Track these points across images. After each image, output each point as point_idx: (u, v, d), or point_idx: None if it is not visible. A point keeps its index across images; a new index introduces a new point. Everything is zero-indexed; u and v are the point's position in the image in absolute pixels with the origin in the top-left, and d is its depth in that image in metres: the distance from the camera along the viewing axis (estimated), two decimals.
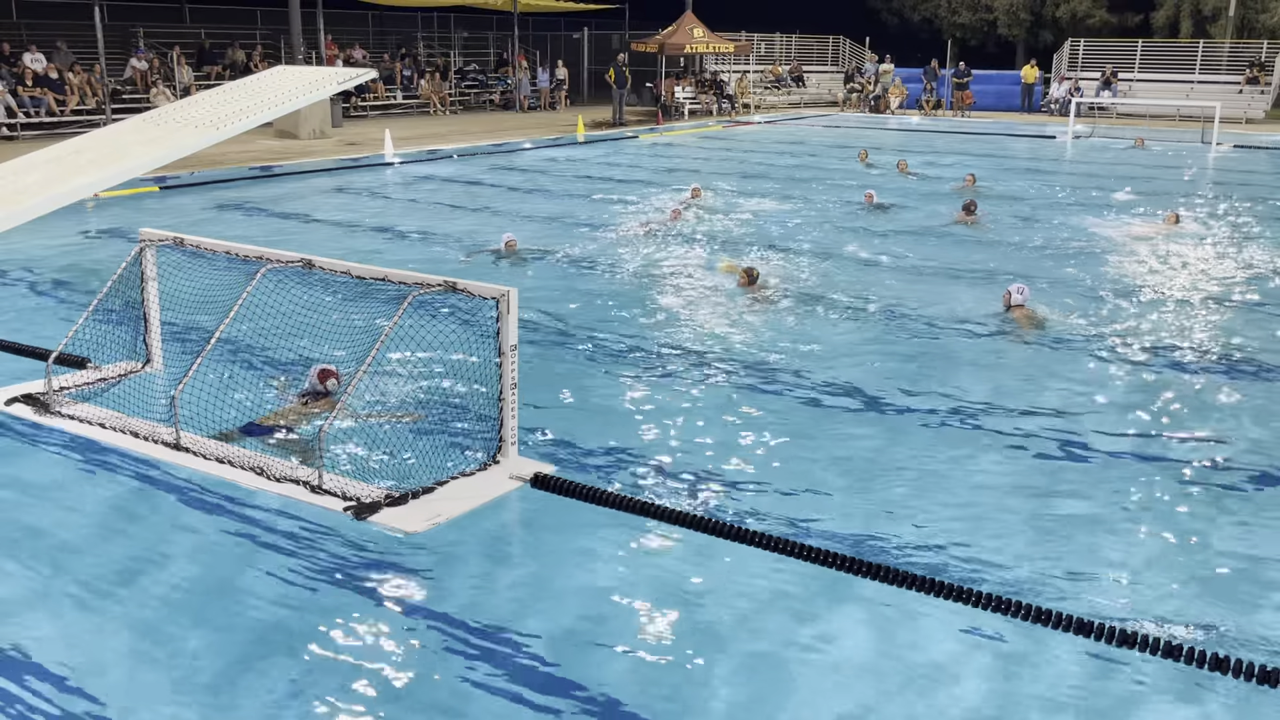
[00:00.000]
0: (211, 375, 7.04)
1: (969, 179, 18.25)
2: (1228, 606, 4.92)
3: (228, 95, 6.95)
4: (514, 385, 6.03)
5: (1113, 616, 4.68)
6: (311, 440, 6.19)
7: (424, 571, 5.12)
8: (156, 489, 5.96)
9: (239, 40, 30.02)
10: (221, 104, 6.65)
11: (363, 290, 8.71)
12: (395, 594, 4.94)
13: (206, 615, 4.74)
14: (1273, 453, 6.73)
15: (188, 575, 5.10)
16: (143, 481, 6.04)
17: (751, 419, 7.21)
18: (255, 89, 6.82)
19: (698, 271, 11.58)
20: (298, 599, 4.86)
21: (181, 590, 4.97)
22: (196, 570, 5.15)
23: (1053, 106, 34.85)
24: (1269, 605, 4.97)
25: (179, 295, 7.99)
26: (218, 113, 6.43)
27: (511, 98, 34.10)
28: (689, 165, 21.74)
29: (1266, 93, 33.56)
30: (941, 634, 4.66)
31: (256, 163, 19.32)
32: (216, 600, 4.87)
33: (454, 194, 17.43)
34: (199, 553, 5.30)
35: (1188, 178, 20.37)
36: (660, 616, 4.78)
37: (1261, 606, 4.96)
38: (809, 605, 4.91)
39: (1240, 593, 5.08)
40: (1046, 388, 7.91)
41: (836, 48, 42.15)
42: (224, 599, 4.88)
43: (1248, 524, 5.78)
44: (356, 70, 8.13)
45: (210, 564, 5.20)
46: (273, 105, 6.42)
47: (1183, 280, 11.43)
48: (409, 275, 6.21)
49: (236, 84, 7.37)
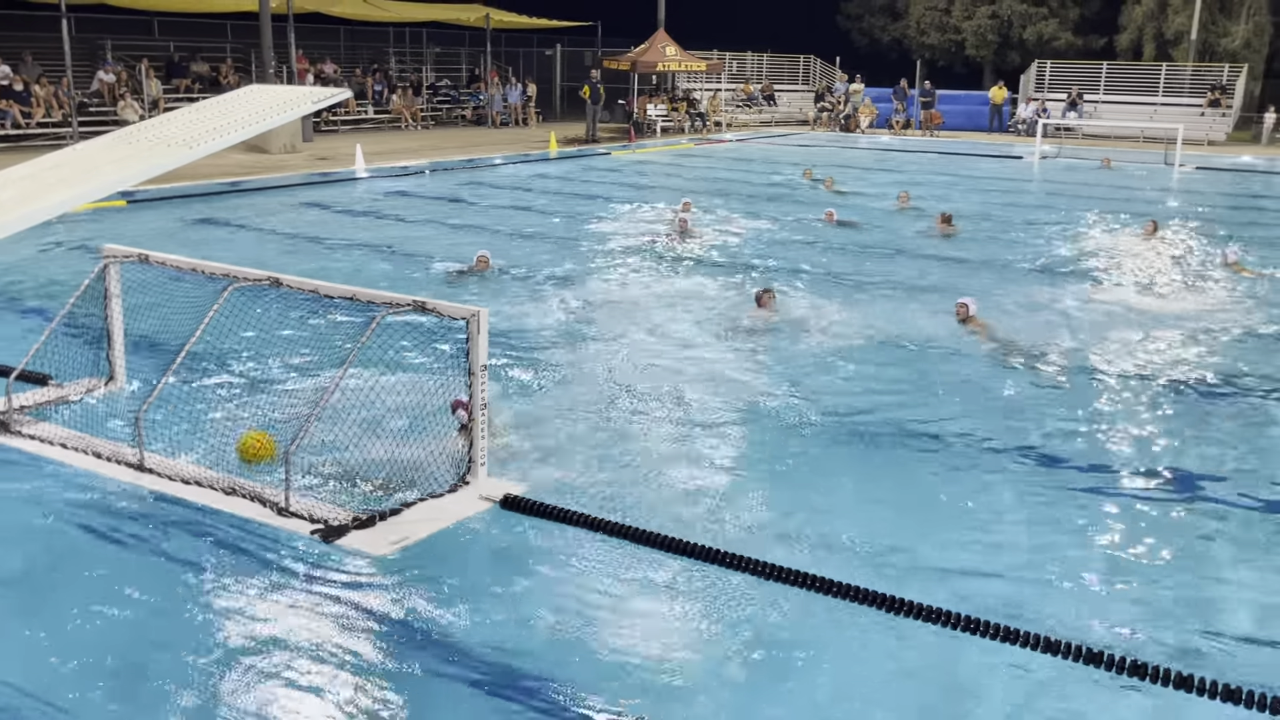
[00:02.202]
0: (176, 394, 6.96)
1: (903, 196, 18.43)
2: (1183, 625, 4.96)
3: (200, 114, 6.89)
4: (484, 405, 5.99)
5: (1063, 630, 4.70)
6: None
7: (392, 594, 5.06)
8: (117, 511, 5.86)
9: (206, 54, 29.83)
10: (194, 122, 6.60)
11: (332, 308, 8.65)
12: (363, 617, 4.87)
13: (168, 641, 4.66)
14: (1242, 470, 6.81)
15: (148, 599, 5.01)
16: (103, 503, 5.94)
17: (725, 439, 7.20)
18: (228, 108, 6.77)
19: (671, 289, 11.59)
20: (263, 625, 4.79)
21: (143, 614, 4.89)
22: (157, 594, 5.06)
23: (1020, 127, 35.24)
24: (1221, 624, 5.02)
25: (144, 312, 7.90)
26: (190, 131, 6.37)
27: (484, 113, 34.09)
28: (663, 182, 21.80)
29: (1228, 115, 34.12)
30: (904, 649, 4.67)
31: (226, 177, 19.17)
32: (179, 626, 4.79)
33: (425, 210, 17.37)
34: (160, 576, 5.21)
35: (1153, 197, 20.65)
36: (631, 638, 4.75)
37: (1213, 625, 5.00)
38: (780, 626, 4.89)
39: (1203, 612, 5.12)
40: (1021, 407, 7.97)
41: (807, 67, 42.47)
42: (187, 625, 4.80)
43: (1214, 540, 5.84)
44: (331, 90, 8.11)
45: (172, 589, 5.11)
46: (246, 124, 6.37)
47: (1156, 296, 11.57)
48: (378, 294, 6.16)
49: (209, 102, 7.30)
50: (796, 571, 5.14)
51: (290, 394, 7.74)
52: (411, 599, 5.03)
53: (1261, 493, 6.50)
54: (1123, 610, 5.12)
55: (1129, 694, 4.37)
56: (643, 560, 5.40)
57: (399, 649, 4.62)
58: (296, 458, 5.84)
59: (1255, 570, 5.56)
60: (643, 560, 5.40)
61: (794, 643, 4.78)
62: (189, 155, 6.25)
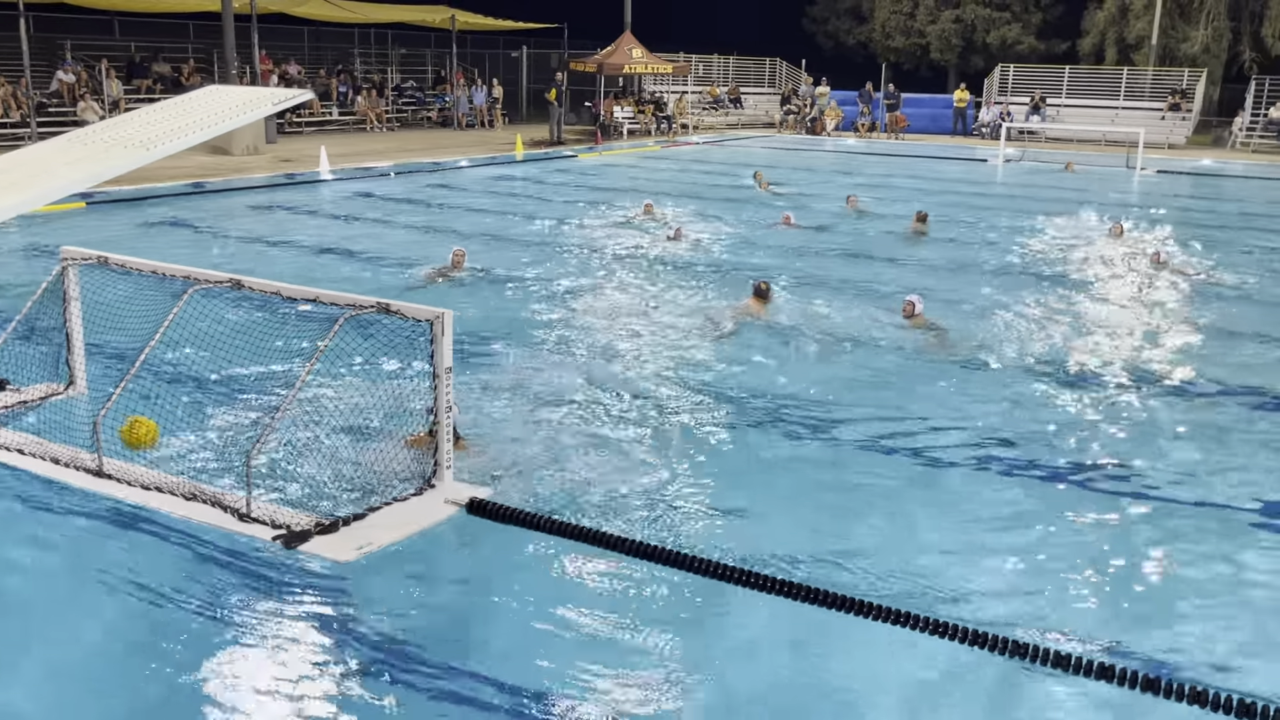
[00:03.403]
0: (137, 398, 6.86)
1: (851, 200, 18.53)
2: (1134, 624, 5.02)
3: (159, 114, 6.78)
4: (449, 408, 5.95)
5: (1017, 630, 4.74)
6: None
7: (355, 600, 5.01)
8: (75, 517, 5.77)
9: (168, 54, 29.48)
10: (152, 123, 6.49)
11: (295, 311, 8.57)
12: (325, 623, 4.82)
13: (123, 649, 4.60)
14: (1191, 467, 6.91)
15: (104, 607, 4.94)
16: (61, 510, 5.84)
17: (692, 442, 7.20)
18: (187, 108, 6.67)
19: (641, 292, 11.59)
20: (222, 632, 4.73)
21: (99, 622, 4.81)
22: (113, 603, 4.99)
23: (984, 130, 35.56)
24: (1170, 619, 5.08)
25: (104, 316, 7.80)
26: (148, 132, 6.27)
27: (449, 115, 33.93)
28: (629, 185, 21.79)
29: (1188, 119, 34.59)
30: (866, 652, 4.69)
31: (188, 179, 18.96)
32: (135, 634, 4.72)
33: (390, 212, 17.25)
34: (117, 584, 5.14)
35: (1114, 200, 20.88)
36: (598, 644, 4.73)
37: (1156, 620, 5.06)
38: (746, 628, 4.90)
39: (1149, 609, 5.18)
40: (980, 403, 8.03)
41: (773, 70, 42.61)
42: (144, 633, 4.73)
43: (1163, 542, 5.91)
44: (292, 91, 8.04)
45: (129, 597, 5.03)
46: (206, 126, 6.28)
47: (1111, 297, 11.71)
48: (341, 296, 6.11)
49: (168, 103, 7.19)
50: (765, 576, 5.14)
51: (252, 397, 7.67)
52: (375, 604, 4.98)
53: (1204, 490, 6.60)
54: (1044, 602, 5.17)
55: (1045, 681, 4.42)
56: (609, 564, 5.39)
57: (362, 655, 4.58)
58: (258, 463, 5.78)
59: (1194, 563, 5.63)
60: (609, 564, 5.39)
61: (757, 644, 4.78)
62: (146, 157, 6.16)
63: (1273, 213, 20.00)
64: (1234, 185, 25.48)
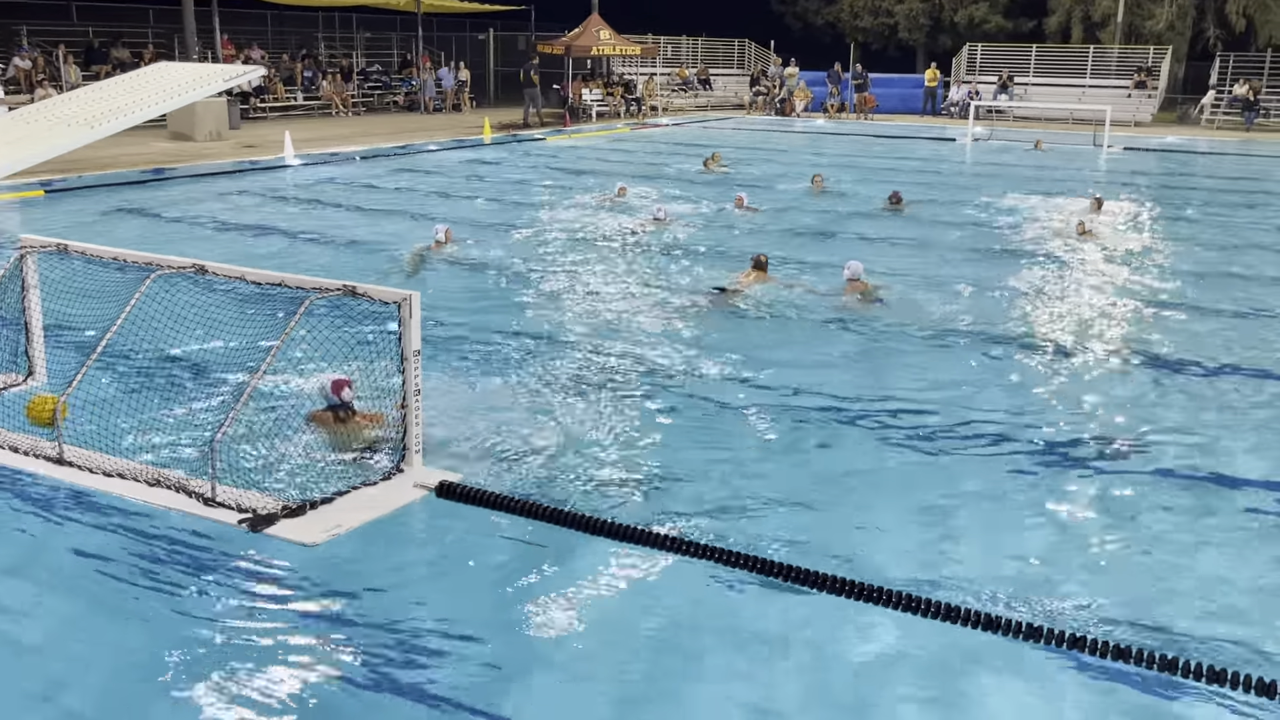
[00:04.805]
0: (98, 387, 6.75)
1: (817, 179, 18.51)
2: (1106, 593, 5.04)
3: (105, 92, 6.65)
4: (418, 392, 5.88)
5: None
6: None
7: (323, 585, 4.94)
8: (36, 505, 5.66)
9: (127, 39, 29.02)
10: (98, 101, 6.35)
11: (261, 296, 8.44)
12: (292, 609, 4.75)
13: (88, 637, 4.51)
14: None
15: (68, 595, 4.85)
16: (22, 497, 5.73)
17: (662, 421, 7.16)
18: (135, 85, 6.53)
19: (616, 276, 11.52)
20: (186, 617, 4.65)
21: (62, 612, 4.72)
22: (78, 590, 4.90)
23: (952, 109, 35.66)
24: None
25: (64, 304, 7.66)
26: (93, 110, 6.13)
27: (416, 99, 33.64)
28: (599, 167, 21.68)
29: (1153, 96, 34.85)
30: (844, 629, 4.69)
31: (149, 165, 18.64)
32: (99, 621, 4.64)
33: (357, 197, 17.06)
34: (80, 572, 5.04)
35: (1082, 178, 21.00)
36: (570, 624, 4.69)
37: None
38: (725, 608, 4.87)
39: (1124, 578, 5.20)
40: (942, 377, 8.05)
41: (742, 51, 42.53)
42: (108, 619, 4.65)
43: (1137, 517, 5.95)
44: (244, 67, 7.89)
45: (95, 584, 4.94)
46: (153, 102, 6.16)
47: (1091, 273, 11.77)
48: (306, 280, 6.01)
49: (114, 80, 7.07)
50: (733, 552, 5.12)
51: (218, 384, 7.56)
52: (343, 587, 4.91)
53: (1169, 461, 6.66)
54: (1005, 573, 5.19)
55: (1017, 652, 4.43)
56: (580, 545, 5.34)
57: (329, 638, 4.51)
58: (223, 448, 5.69)
59: (1156, 534, 5.67)
60: (580, 545, 5.34)
61: (730, 622, 4.76)
62: (90, 135, 6.01)
63: (1238, 188, 20.20)
64: (1201, 161, 25.69)
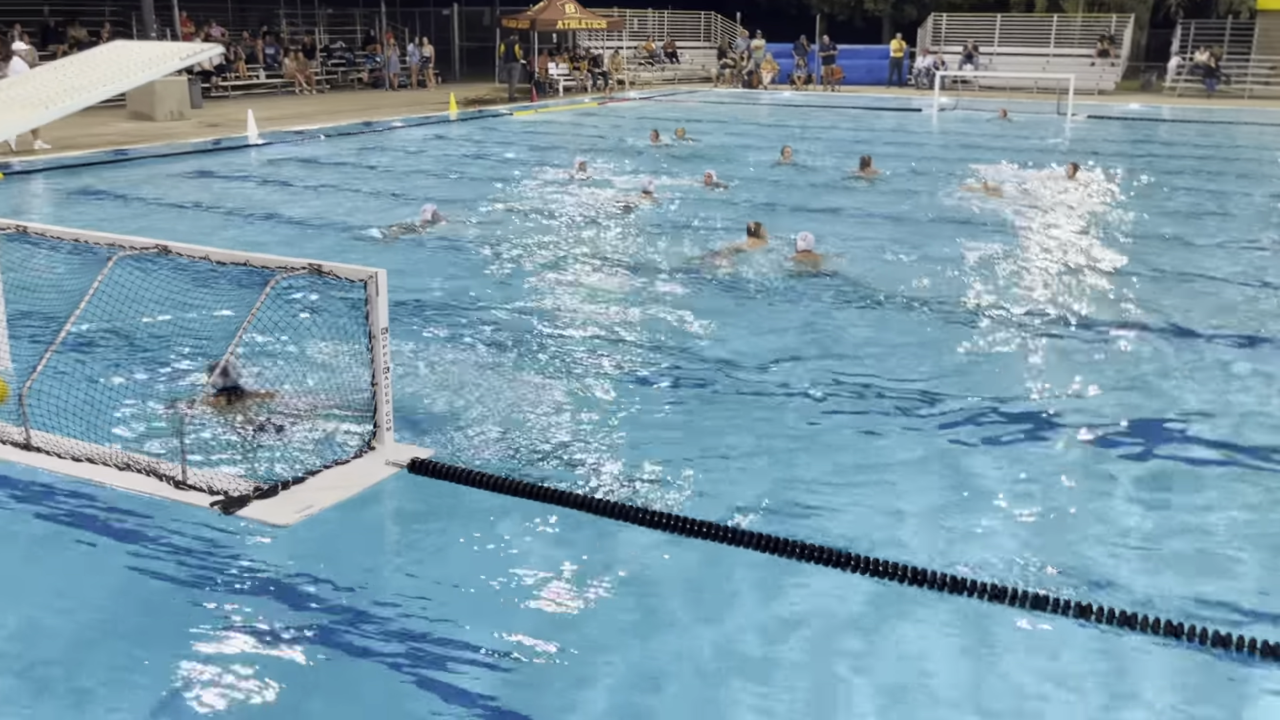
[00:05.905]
0: (63, 370, 6.69)
1: (786, 151, 18.56)
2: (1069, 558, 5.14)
3: (59, 72, 6.56)
4: (387, 370, 5.88)
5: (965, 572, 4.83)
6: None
7: (295, 564, 4.95)
8: (3, 492, 5.62)
9: (84, 18, 28.50)
10: (51, 81, 6.26)
11: (226, 277, 8.38)
12: (265, 588, 4.75)
13: (59, 622, 4.50)
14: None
15: (40, 581, 4.83)
16: None
17: (635, 396, 7.19)
18: (89, 64, 6.44)
19: (587, 252, 11.51)
20: (159, 601, 4.64)
21: (34, 598, 4.71)
22: (51, 575, 4.88)
23: (920, 80, 35.71)
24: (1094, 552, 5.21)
25: (27, 287, 7.58)
26: (47, 90, 6.05)
27: (380, 76, 33.29)
28: (567, 142, 21.58)
29: (1116, 65, 35.03)
30: (805, 592, 4.75)
31: (110, 146, 18.40)
32: (71, 607, 4.63)
33: (322, 175, 16.91)
34: (52, 557, 5.03)
35: (1047, 146, 21.14)
36: (544, 600, 4.72)
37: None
38: (698, 581, 4.92)
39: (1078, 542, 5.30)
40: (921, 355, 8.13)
41: (709, 24, 42.34)
42: (80, 606, 4.64)
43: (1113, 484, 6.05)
44: (201, 45, 7.79)
45: (64, 569, 4.93)
46: (109, 82, 6.07)
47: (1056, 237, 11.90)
48: (271, 259, 5.98)
49: (68, 60, 6.97)
50: (702, 522, 5.17)
51: (185, 364, 7.51)
52: (316, 568, 4.92)
53: (1119, 424, 6.77)
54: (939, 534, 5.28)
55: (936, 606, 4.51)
56: (553, 520, 5.37)
57: (303, 619, 4.52)
58: (193, 430, 5.67)
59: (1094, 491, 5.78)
60: (553, 520, 5.37)
61: (700, 591, 4.81)
62: (45, 115, 5.93)
63: (1197, 154, 20.42)
64: (1163, 129, 25.91)
